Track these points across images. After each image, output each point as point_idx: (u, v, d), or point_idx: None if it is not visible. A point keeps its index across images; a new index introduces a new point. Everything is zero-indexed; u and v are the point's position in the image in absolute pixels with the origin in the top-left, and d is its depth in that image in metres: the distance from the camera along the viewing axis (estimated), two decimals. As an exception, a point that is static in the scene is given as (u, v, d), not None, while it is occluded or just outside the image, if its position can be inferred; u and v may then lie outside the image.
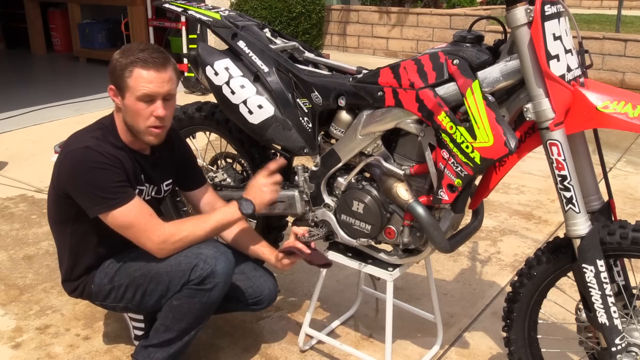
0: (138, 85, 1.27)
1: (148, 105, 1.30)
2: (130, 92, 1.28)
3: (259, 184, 1.41)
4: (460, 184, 1.22)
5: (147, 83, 1.27)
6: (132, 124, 1.32)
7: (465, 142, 1.17)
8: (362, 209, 1.41)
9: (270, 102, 1.52)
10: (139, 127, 1.32)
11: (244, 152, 1.77)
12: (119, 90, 1.30)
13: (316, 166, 1.51)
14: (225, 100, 1.56)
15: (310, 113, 1.48)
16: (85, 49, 5.93)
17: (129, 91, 1.28)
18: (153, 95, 1.29)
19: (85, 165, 1.26)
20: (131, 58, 1.27)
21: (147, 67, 1.27)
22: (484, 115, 1.14)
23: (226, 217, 1.38)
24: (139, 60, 1.26)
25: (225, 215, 1.37)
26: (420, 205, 1.30)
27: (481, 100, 1.14)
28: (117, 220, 1.28)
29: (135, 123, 1.32)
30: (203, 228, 1.34)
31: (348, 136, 1.41)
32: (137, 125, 1.32)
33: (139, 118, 1.31)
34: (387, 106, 1.30)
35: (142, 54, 1.27)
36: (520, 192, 2.85)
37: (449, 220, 1.31)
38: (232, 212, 1.38)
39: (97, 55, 5.77)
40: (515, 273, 1.35)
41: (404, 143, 1.36)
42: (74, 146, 1.30)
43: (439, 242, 1.30)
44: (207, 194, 1.57)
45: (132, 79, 1.27)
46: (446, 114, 1.19)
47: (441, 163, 1.23)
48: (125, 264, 1.38)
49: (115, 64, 1.29)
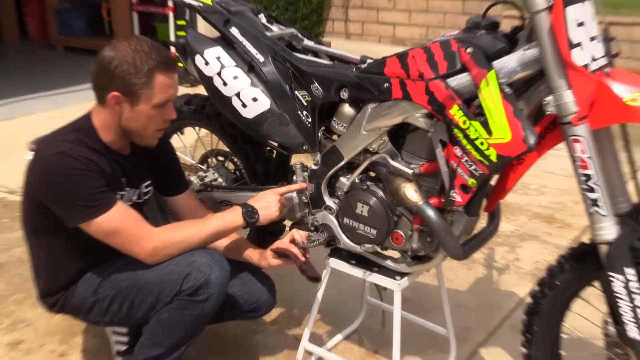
0: (161, 92, 1.28)
1: (161, 109, 1.30)
2: (148, 99, 1.28)
3: (270, 198, 1.44)
4: (475, 184, 1.22)
5: (168, 88, 1.29)
6: (138, 130, 1.33)
7: (479, 138, 1.17)
8: (367, 212, 1.41)
9: (266, 95, 1.52)
10: (145, 132, 1.34)
11: (236, 149, 1.78)
12: (129, 97, 1.28)
13: (316, 165, 1.51)
14: (216, 92, 1.56)
15: (309, 106, 1.48)
16: (63, 37, 5.90)
17: (145, 98, 1.28)
18: (171, 100, 1.31)
19: (59, 173, 1.25)
20: (149, 62, 1.25)
21: (167, 71, 1.28)
22: (500, 108, 1.14)
23: (227, 223, 1.38)
24: (160, 65, 1.26)
25: (225, 222, 1.38)
26: (431, 208, 1.30)
27: (497, 92, 1.15)
28: (102, 227, 1.28)
29: (142, 129, 1.33)
30: (199, 234, 1.35)
31: (351, 132, 1.41)
32: (144, 131, 1.33)
33: (150, 124, 1.32)
34: (394, 99, 1.30)
35: (155, 54, 1.26)
36: (541, 193, 2.85)
37: (463, 224, 1.32)
38: (234, 219, 1.39)
39: (76, 43, 5.73)
40: (535, 282, 1.35)
41: (412, 139, 1.36)
42: (46, 152, 1.27)
43: (451, 247, 1.30)
44: (189, 200, 1.58)
45: (154, 86, 1.27)
46: (459, 107, 1.19)
47: (453, 161, 1.23)
48: (110, 275, 1.38)
49: (123, 67, 1.25)
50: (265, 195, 1.45)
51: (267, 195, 1.45)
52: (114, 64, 1.26)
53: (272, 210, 1.43)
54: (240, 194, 1.71)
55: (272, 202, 1.44)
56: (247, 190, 1.71)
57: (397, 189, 1.36)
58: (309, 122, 1.50)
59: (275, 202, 1.44)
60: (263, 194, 1.46)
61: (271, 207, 1.43)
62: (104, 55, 1.28)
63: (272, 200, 1.44)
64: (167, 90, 1.30)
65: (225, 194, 1.76)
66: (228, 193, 1.76)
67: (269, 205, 1.43)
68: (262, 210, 1.42)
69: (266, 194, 1.46)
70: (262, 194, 1.46)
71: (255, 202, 1.43)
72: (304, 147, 1.52)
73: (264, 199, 1.44)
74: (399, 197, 1.36)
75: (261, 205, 1.43)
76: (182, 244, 1.32)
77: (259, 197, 1.46)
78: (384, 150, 1.38)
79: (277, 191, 1.47)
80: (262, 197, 1.45)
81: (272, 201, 1.44)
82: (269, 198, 1.44)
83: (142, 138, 1.36)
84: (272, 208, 1.43)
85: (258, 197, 1.45)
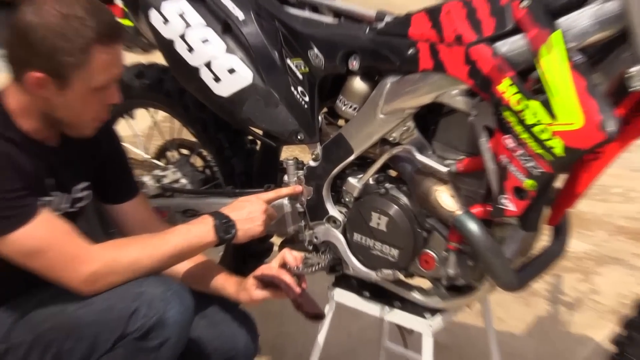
0: (101, 72, 1.28)
1: (101, 93, 1.32)
2: (82, 82, 1.28)
3: (253, 206, 1.44)
4: (534, 186, 1.23)
5: (111, 67, 1.29)
6: (68, 119, 1.33)
7: (540, 124, 1.18)
8: (386, 225, 1.42)
9: (247, 65, 1.53)
10: (79, 122, 1.34)
11: (206, 139, 1.79)
12: (56, 79, 1.28)
13: (316, 160, 1.52)
14: (178, 61, 1.57)
15: (306, 81, 1.49)
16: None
17: (79, 81, 1.28)
18: (114, 80, 1.32)
19: None
20: (84, 32, 1.24)
21: (109, 44, 1.28)
22: (568, 83, 1.15)
23: (192, 240, 1.38)
24: (100, 36, 1.25)
25: (189, 238, 1.38)
26: (473, 219, 1.31)
27: (564, 61, 1.15)
28: (19, 246, 1.28)
29: (75, 118, 1.33)
30: (153, 255, 1.35)
31: (364, 115, 1.42)
32: (77, 120, 1.34)
33: (86, 112, 1.33)
34: (422, 70, 1.31)
35: (93, 21, 1.25)
36: (627, 199, 2.86)
37: (517, 241, 1.32)
38: (202, 234, 1.39)
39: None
40: (619, 323, 1.36)
41: (447, 126, 1.37)
42: None
43: (501, 274, 1.31)
44: (140, 209, 1.58)
45: (91, 65, 1.27)
46: (511, 81, 1.20)
47: (504, 155, 1.24)
48: (28, 312, 1.37)
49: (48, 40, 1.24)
50: (246, 203, 1.46)
51: (248, 203, 1.46)
52: (37, 35, 1.25)
53: (254, 224, 1.43)
54: (212, 200, 1.72)
55: (255, 212, 1.44)
56: (221, 196, 1.72)
57: (426, 194, 1.37)
58: (305, 102, 1.51)
59: (259, 212, 1.44)
60: (243, 201, 1.47)
61: (254, 219, 1.43)
62: (23, 20, 1.26)
63: (255, 209, 1.44)
64: (109, 69, 1.29)
65: (191, 200, 1.76)
66: (194, 199, 1.77)
67: (250, 216, 1.43)
68: (241, 223, 1.42)
69: (247, 200, 1.47)
70: (242, 200, 1.47)
71: (231, 212, 1.44)
72: (298, 136, 1.53)
73: (243, 208, 1.45)
74: (429, 205, 1.37)
75: (240, 215, 1.43)
76: (130, 269, 1.33)
77: (237, 204, 1.46)
78: (408, 140, 1.39)
79: (262, 197, 1.48)
80: (242, 206, 1.45)
81: (255, 211, 1.44)
82: (250, 207, 1.45)
83: (74, 128, 1.36)
84: (254, 220, 1.43)
85: (236, 205, 1.46)
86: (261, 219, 1.44)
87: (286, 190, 1.54)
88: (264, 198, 1.48)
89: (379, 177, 1.47)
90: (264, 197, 1.48)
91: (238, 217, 1.42)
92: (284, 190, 1.54)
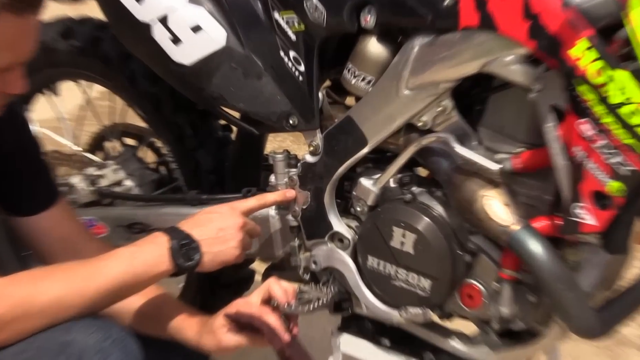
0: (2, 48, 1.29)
1: (2, 76, 1.32)
2: None
3: (227, 222, 1.45)
4: (621, 190, 1.23)
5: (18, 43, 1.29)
6: None
7: (629, 104, 1.18)
8: (413, 246, 1.42)
9: (218, 20, 1.54)
10: None
11: (160, 123, 1.80)
12: None
13: (315, 154, 1.53)
14: (122, 14, 1.58)
15: (301, 43, 1.50)
16: None
17: None
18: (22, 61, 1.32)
19: None
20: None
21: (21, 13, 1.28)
22: (669, 46, 1.15)
23: (138, 268, 1.37)
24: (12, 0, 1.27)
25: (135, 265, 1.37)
26: (536, 237, 1.31)
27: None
28: None
29: None
30: (85, 289, 1.35)
31: (382, 91, 1.42)
32: None
33: None
34: (463, 28, 1.31)
35: None
36: None
37: (599, 268, 1.33)
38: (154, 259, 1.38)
39: None
40: None
41: (499, 107, 1.38)
42: None
43: (576, 315, 1.31)
44: (62, 222, 1.59)
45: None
46: (589, 43, 1.20)
47: (579, 147, 1.24)
48: None
49: None
50: (216, 215, 1.46)
51: (218, 215, 1.46)
52: None
53: (227, 245, 1.44)
54: (168, 210, 1.73)
55: (229, 229, 1.44)
56: (181, 204, 1.73)
57: (470, 202, 1.37)
58: (299, 73, 1.51)
59: (234, 228, 1.45)
60: (211, 212, 1.47)
61: (226, 239, 1.44)
62: None
63: (228, 224, 1.45)
64: (16, 45, 1.30)
65: (139, 210, 1.77)
66: (143, 208, 1.77)
67: (221, 234, 1.44)
68: (208, 245, 1.42)
69: (217, 212, 1.47)
70: (210, 211, 1.47)
71: (195, 228, 1.43)
72: (290, 121, 1.53)
73: (212, 222, 1.45)
74: (474, 217, 1.37)
75: (207, 233, 1.43)
76: (51, 311, 1.32)
77: (202, 217, 1.46)
78: (444, 126, 1.39)
79: (239, 207, 1.49)
80: (210, 219, 1.46)
81: (229, 227, 1.45)
82: (222, 221, 1.45)
83: None
84: (227, 240, 1.44)
85: (201, 219, 1.46)
86: (237, 238, 1.44)
87: (273, 196, 1.54)
88: (242, 208, 1.48)
89: (403, 177, 1.47)
90: (241, 207, 1.48)
91: (204, 236, 1.42)
92: (270, 196, 1.54)
